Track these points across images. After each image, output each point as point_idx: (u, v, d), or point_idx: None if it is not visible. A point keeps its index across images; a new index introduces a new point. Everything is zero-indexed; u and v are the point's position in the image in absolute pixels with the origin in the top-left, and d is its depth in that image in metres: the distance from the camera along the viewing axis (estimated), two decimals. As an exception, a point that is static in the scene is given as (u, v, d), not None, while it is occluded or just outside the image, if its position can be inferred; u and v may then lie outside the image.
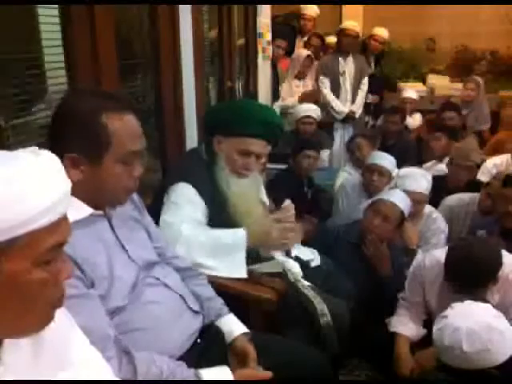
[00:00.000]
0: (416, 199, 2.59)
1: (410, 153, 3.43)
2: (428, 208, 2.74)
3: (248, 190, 1.93)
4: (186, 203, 1.81)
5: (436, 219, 2.72)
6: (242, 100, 1.90)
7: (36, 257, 0.73)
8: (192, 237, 1.77)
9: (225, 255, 1.79)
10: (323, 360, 1.63)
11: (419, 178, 2.66)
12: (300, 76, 4.82)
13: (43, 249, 0.73)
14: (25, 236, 0.71)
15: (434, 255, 2.05)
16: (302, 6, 5.23)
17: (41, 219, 0.72)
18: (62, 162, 1.10)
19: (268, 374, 1.34)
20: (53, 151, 0.78)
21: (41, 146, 0.80)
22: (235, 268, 1.80)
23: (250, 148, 1.88)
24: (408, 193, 2.57)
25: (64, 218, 0.77)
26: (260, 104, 3.00)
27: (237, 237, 1.82)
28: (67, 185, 0.78)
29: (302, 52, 4.86)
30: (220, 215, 1.87)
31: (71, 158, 1.19)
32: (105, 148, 1.22)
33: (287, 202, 2.01)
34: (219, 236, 1.82)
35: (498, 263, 1.83)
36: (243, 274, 1.81)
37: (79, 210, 1.20)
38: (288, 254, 2.09)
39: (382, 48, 5.10)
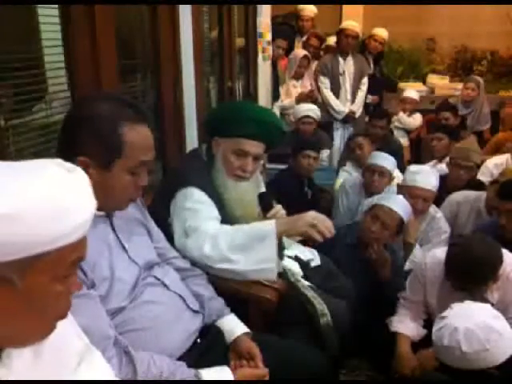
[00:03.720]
0: (425, 196, 2.62)
1: (397, 156, 3.39)
2: (432, 208, 2.75)
3: (245, 195, 1.89)
4: (201, 206, 1.78)
5: (439, 219, 2.73)
6: (240, 101, 1.91)
7: (57, 271, 0.74)
8: (218, 233, 1.72)
9: (251, 248, 1.70)
10: (323, 360, 1.63)
11: (430, 176, 2.67)
12: (297, 76, 4.81)
13: (66, 264, 0.74)
14: (53, 251, 0.71)
15: (435, 254, 2.06)
16: (299, 6, 5.24)
17: (71, 236, 0.72)
18: (72, 163, 1.10)
19: (266, 372, 1.35)
20: (62, 152, 0.78)
21: (41, 146, 0.80)
22: (265, 260, 1.70)
23: (245, 148, 1.83)
24: (418, 189, 2.60)
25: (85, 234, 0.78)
26: (259, 106, 2.99)
27: (264, 227, 1.73)
28: (94, 202, 0.78)
29: (298, 52, 4.86)
30: (222, 218, 1.86)
31: (82, 161, 1.20)
32: (117, 156, 1.23)
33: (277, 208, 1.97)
34: (245, 228, 1.76)
35: (498, 260, 1.83)
36: (273, 268, 1.71)
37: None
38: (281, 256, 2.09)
39: (382, 48, 5.11)
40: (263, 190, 2.13)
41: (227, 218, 1.85)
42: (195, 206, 1.77)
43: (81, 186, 0.76)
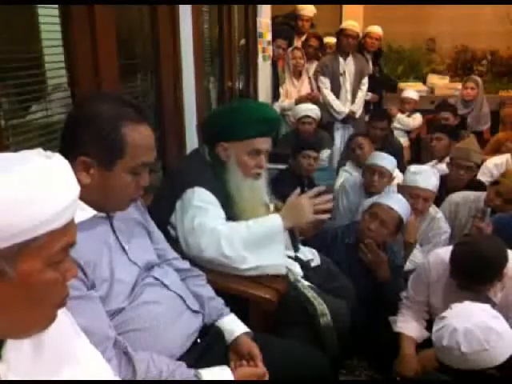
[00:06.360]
0: (425, 196, 2.61)
1: (398, 156, 3.40)
2: (433, 208, 2.75)
3: (258, 193, 1.93)
4: (209, 205, 1.81)
5: (440, 220, 2.73)
6: (235, 103, 2.02)
7: (49, 257, 0.74)
8: (232, 233, 1.77)
9: (265, 246, 1.79)
10: (323, 360, 1.63)
11: (430, 176, 2.67)
12: (295, 71, 4.78)
13: (56, 249, 0.75)
14: (40, 237, 0.72)
15: (438, 254, 2.05)
16: (298, 6, 5.23)
17: (57, 220, 0.73)
18: (74, 163, 1.10)
19: (266, 372, 1.35)
20: (64, 152, 0.79)
21: (41, 146, 0.81)
22: (275, 258, 1.81)
23: (259, 147, 1.88)
24: (418, 189, 2.60)
25: (73, 219, 0.78)
26: (255, 102, 3.01)
27: (273, 225, 1.82)
28: (78, 186, 0.79)
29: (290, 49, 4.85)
30: (227, 216, 1.87)
31: (84, 161, 1.20)
32: (118, 156, 1.23)
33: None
34: (256, 227, 1.81)
35: (504, 258, 1.84)
36: (283, 264, 1.82)
37: (82, 212, 1.20)
38: (296, 250, 2.11)
39: (379, 45, 5.10)
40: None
41: (234, 215, 1.87)
42: (204, 205, 1.80)
43: (60, 171, 0.76)
